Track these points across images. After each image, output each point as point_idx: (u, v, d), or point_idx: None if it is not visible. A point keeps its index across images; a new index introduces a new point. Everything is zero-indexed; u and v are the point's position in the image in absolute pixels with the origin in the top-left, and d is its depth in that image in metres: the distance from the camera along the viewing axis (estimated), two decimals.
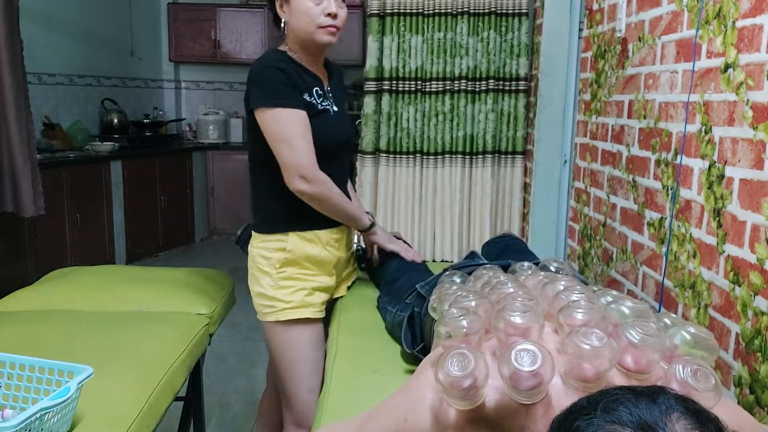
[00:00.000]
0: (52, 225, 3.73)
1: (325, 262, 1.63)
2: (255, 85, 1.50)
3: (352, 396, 1.24)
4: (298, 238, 1.58)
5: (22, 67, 2.84)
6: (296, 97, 1.50)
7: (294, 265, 1.58)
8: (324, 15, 1.50)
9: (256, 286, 1.60)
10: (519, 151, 2.76)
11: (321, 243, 1.61)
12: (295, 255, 1.58)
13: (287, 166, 1.49)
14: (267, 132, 1.49)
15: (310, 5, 1.49)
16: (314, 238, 1.60)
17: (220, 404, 2.68)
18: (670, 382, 0.72)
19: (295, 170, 1.48)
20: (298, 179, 1.49)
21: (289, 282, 1.58)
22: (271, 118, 1.48)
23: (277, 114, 1.47)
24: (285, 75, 1.49)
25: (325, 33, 1.52)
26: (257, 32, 5.70)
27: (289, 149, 1.47)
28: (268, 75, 1.49)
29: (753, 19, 1.26)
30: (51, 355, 1.19)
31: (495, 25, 2.67)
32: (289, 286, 1.58)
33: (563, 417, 0.61)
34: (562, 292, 0.91)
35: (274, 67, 1.49)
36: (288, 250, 1.57)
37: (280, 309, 1.57)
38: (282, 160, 1.49)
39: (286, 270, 1.57)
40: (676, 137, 1.57)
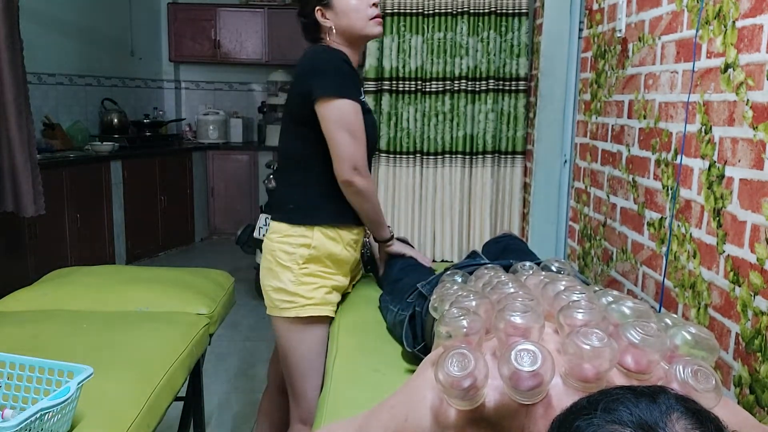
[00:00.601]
0: (52, 225, 3.73)
1: (344, 262, 1.65)
2: (321, 74, 1.50)
3: (352, 395, 1.24)
4: (322, 235, 1.58)
5: (22, 67, 2.84)
6: (359, 91, 1.54)
7: (317, 262, 1.59)
8: (370, 6, 1.54)
9: (274, 281, 1.59)
10: (519, 151, 2.76)
11: (342, 242, 1.62)
12: (319, 252, 1.58)
13: (344, 155, 1.49)
14: (330, 121, 1.49)
15: (355, 1, 1.53)
16: (337, 237, 1.61)
17: (220, 404, 2.68)
18: (670, 382, 0.72)
19: (351, 161, 1.49)
20: (352, 170, 1.50)
21: (311, 279, 1.59)
22: (339, 108, 1.48)
23: (345, 105, 1.48)
24: (351, 69, 1.52)
25: (375, 24, 1.56)
26: (257, 32, 5.70)
27: (350, 140, 1.48)
28: (337, 66, 1.50)
29: (753, 19, 1.26)
30: (51, 355, 1.19)
31: (495, 25, 2.67)
32: (311, 283, 1.59)
33: (563, 417, 0.61)
34: (562, 292, 0.91)
35: (342, 59, 1.52)
36: (313, 246, 1.58)
37: (300, 305, 1.58)
38: (340, 149, 1.49)
39: (308, 266, 1.58)
40: (676, 137, 1.57)
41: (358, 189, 1.53)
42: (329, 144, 1.51)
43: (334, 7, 1.54)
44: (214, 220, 5.70)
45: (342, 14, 1.54)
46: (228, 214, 5.62)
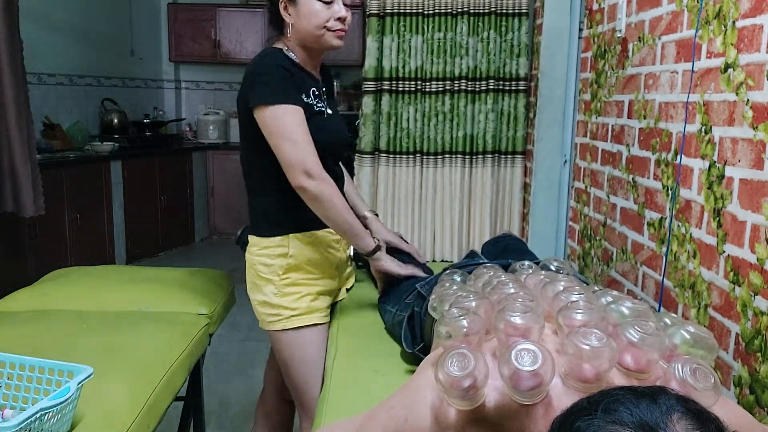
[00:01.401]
0: (52, 225, 3.73)
1: (327, 265, 1.61)
2: (255, 83, 1.47)
3: (352, 396, 1.24)
4: (299, 242, 1.55)
5: (22, 67, 2.84)
6: (296, 95, 1.48)
7: (297, 270, 1.55)
8: (334, 19, 1.48)
9: (258, 294, 1.56)
10: (519, 151, 2.76)
11: (322, 245, 1.58)
12: (297, 260, 1.54)
13: (291, 162, 1.44)
14: (268, 129, 1.46)
15: (319, 7, 1.47)
16: (314, 241, 1.57)
17: (220, 404, 2.68)
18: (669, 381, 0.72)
19: (299, 166, 1.44)
20: (302, 175, 1.44)
21: (294, 288, 1.55)
22: (274, 115, 1.44)
23: (280, 110, 1.44)
24: (287, 73, 1.47)
25: (335, 36, 1.51)
26: (257, 32, 5.70)
27: (292, 145, 1.44)
28: (270, 72, 1.47)
29: (753, 19, 1.26)
30: (51, 355, 1.19)
31: (495, 25, 2.67)
32: (294, 293, 1.55)
33: (564, 417, 0.61)
34: (561, 293, 0.91)
35: (276, 64, 1.48)
36: (290, 255, 1.54)
37: (286, 317, 1.54)
38: (284, 157, 1.45)
39: (289, 276, 1.54)
40: (676, 137, 1.57)
41: (313, 194, 1.45)
42: (274, 152, 1.47)
43: (298, 5, 1.49)
44: (214, 220, 5.70)
45: (303, 16, 1.49)
46: (228, 214, 5.62)
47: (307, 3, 1.48)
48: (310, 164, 1.44)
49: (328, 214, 1.49)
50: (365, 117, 2.75)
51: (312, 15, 1.48)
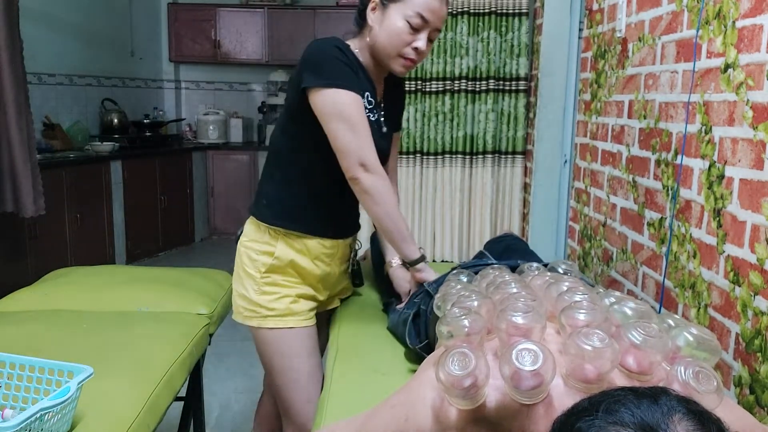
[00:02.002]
0: (52, 225, 3.73)
1: (310, 275, 1.54)
2: (314, 64, 1.37)
3: (352, 396, 1.23)
4: (287, 246, 1.49)
5: (22, 67, 2.84)
6: (358, 83, 1.38)
7: (279, 271, 1.51)
8: (412, 47, 1.39)
9: (239, 286, 1.53)
10: (519, 151, 2.76)
11: (310, 255, 1.52)
12: (281, 262, 1.50)
13: (348, 149, 1.35)
14: (326, 112, 1.35)
15: (403, 29, 1.37)
16: (303, 249, 1.50)
17: (220, 404, 2.68)
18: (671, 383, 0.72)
19: (356, 155, 1.34)
20: (357, 165, 1.35)
21: (274, 288, 1.50)
22: (335, 98, 1.34)
23: (340, 94, 1.34)
24: (348, 60, 1.38)
25: (402, 64, 1.41)
26: (257, 32, 5.70)
27: (352, 132, 1.34)
28: (331, 54, 1.36)
29: (753, 19, 1.26)
30: (51, 355, 1.19)
31: (495, 25, 2.67)
32: (273, 292, 1.50)
33: (565, 418, 0.61)
34: (564, 293, 0.91)
35: (338, 48, 1.38)
36: (275, 255, 1.49)
37: (262, 316, 1.51)
38: (342, 143, 1.35)
39: (270, 276, 1.50)
40: (676, 137, 1.57)
41: (365, 187, 1.37)
42: (329, 138, 1.37)
43: (386, 13, 1.38)
44: (214, 220, 5.70)
45: (384, 27, 1.39)
46: (228, 214, 5.62)
47: (394, 17, 1.37)
48: (368, 155, 1.36)
49: (377, 211, 1.40)
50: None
51: (393, 32, 1.38)
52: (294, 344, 1.53)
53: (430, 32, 1.40)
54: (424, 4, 1.36)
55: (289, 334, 1.52)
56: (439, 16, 1.40)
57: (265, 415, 1.83)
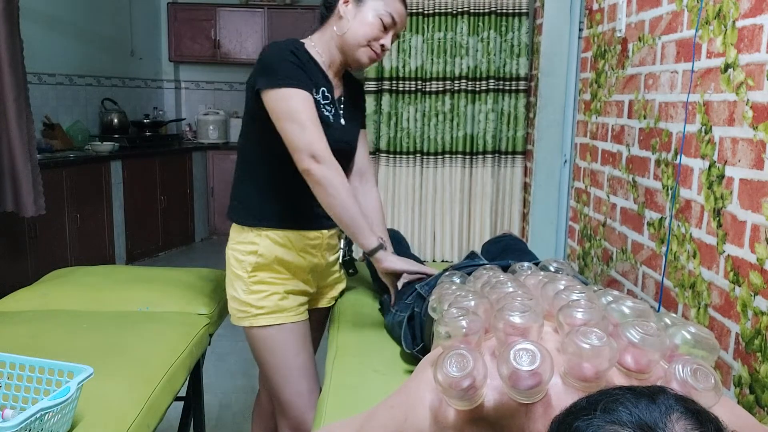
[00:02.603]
0: (52, 225, 3.73)
1: (299, 269, 1.57)
2: (265, 66, 1.44)
3: (352, 396, 1.23)
4: (270, 242, 1.52)
5: (22, 67, 2.84)
6: (307, 82, 1.44)
7: (266, 269, 1.53)
8: (379, 42, 1.49)
9: (230, 289, 1.56)
10: (519, 151, 2.76)
11: (295, 249, 1.54)
12: (266, 259, 1.52)
13: (298, 145, 1.40)
14: (276, 112, 1.41)
15: (375, 24, 1.47)
16: (287, 243, 1.53)
17: (220, 404, 2.68)
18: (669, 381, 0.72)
19: (306, 149, 1.39)
20: (308, 158, 1.39)
21: (262, 287, 1.53)
22: (282, 98, 1.41)
23: (289, 93, 1.41)
24: (298, 60, 1.45)
25: (367, 55, 1.50)
26: (257, 32, 5.70)
27: (299, 128, 1.39)
28: (281, 56, 1.44)
29: (753, 19, 1.26)
30: (51, 355, 1.19)
31: (495, 24, 2.67)
32: (262, 291, 1.53)
33: (563, 417, 0.61)
34: (562, 292, 0.91)
35: (288, 50, 1.45)
36: (260, 253, 1.52)
37: (253, 315, 1.53)
38: (291, 139, 1.40)
39: (257, 274, 1.53)
40: (676, 137, 1.57)
41: (317, 179, 1.39)
42: (282, 136, 1.42)
43: (361, 6, 1.47)
44: (214, 220, 5.70)
45: (358, 20, 1.47)
46: None
47: (368, 12, 1.47)
48: (317, 148, 1.40)
49: (330, 201, 1.42)
50: (366, 117, 2.75)
51: (366, 24, 1.47)
52: (285, 340, 1.55)
53: (393, 35, 1.52)
54: (396, 8, 1.49)
55: (279, 330, 1.54)
56: (403, 20, 1.54)
57: (263, 414, 1.84)
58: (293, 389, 1.56)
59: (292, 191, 1.52)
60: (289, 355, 1.55)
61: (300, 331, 1.58)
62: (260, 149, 1.50)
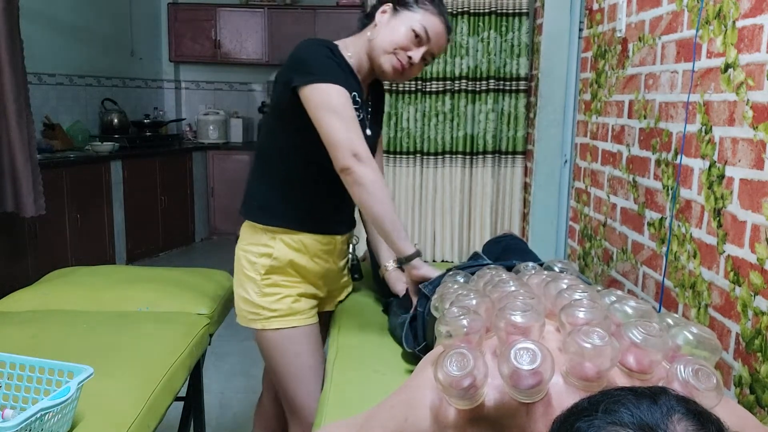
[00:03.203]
0: (52, 225, 3.73)
1: (312, 273, 1.56)
2: (302, 62, 1.40)
3: (352, 396, 1.23)
4: (284, 245, 1.50)
5: (22, 67, 2.85)
6: (347, 82, 1.40)
7: (279, 272, 1.52)
8: (407, 53, 1.44)
9: (240, 290, 1.55)
10: (519, 151, 2.76)
11: (308, 253, 1.53)
12: (280, 262, 1.51)
13: (339, 141, 1.34)
14: (316, 105, 1.36)
15: (406, 35, 1.43)
16: (301, 248, 1.51)
17: (220, 404, 2.68)
18: (671, 381, 0.72)
19: (348, 146, 1.34)
20: (350, 156, 1.34)
21: (275, 289, 1.52)
22: (325, 92, 1.36)
23: (331, 89, 1.36)
24: (338, 60, 1.42)
25: (391, 63, 1.45)
26: (257, 32, 5.70)
27: (342, 123, 1.34)
28: (319, 53, 1.40)
29: (753, 19, 1.26)
30: (51, 355, 1.19)
31: (495, 25, 2.67)
32: (275, 293, 1.52)
33: (564, 417, 0.61)
34: (564, 291, 0.91)
35: (325, 47, 1.42)
36: (274, 257, 1.50)
37: (265, 317, 1.52)
38: (333, 134, 1.35)
39: (271, 277, 1.51)
40: (676, 137, 1.57)
41: (357, 178, 1.34)
42: (320, 132, 1.37)
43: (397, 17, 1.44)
44: (214, 220, 5.70)
45: (389, 28, 1.44)
46: (228, 214, 5.61)
47: (402, 22, 1.44)
48: (360, 146, 1.35)
49: (369, 202, 1.37)
50: None
51: (395, 32, 1.44)
52: (299, 343, 1.54)
53: (427, 53, 1.46)
54: (432, 23, 1.44)
55: (293, 333, 1.53)
56: (439, 40, 1.47)
57: (265, 416, 1.83)
58: (307, 391, 1.55)
59: (312, 194, 1.51)
60: (303, 357, 1.54)
61: (312, 334, 1.57)
62: (285, 148, 1.48)
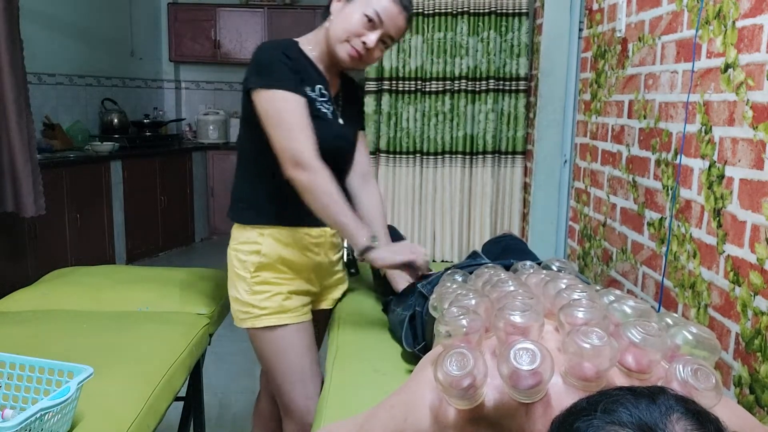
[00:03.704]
0: (52, 225, 3.73)
1: (303, 268, 1.55)
2: (256, 66, 1.43)
3: (352, 396, 1.23)
4: (273, 240, 1.50)
5: (22, 67, 2.84)
6: (298, 84, 1.42)
7: (269, 269, 1.51)
8: (361, 39, 1.43)
9: (233, 290, 1.55)
10: (519, 151, 2.76)
11: (297, 247, 1.52)
12: (269, 258, 1.50)
13: (282, 150, 1.38)
14: (263, 115, 1.40)
15: (359, 21, 1.43)
16: (290, 242, 1.51)
17: (220, 404, 2.68)
18: (670, 381, 0.72)
19: (290, 155, 1.37)
20: (292, 166, 1.38)
21: (265, 287, 1.51)
22: (270, 99, 1.39)
23: (277, 96, 1.39)
24: (290, 60, 1.43)
25: (347, 51, 1.45)
26: (257, 32, 5.71)
27: (285, 133, 1.38)
28: (272, 57, 1.42)
29: (753, 19, 1.26)
30: (51, 355, 1.19)
31: (495, 25, 2.67)
32: (265, 291, 1.51)
33: (563, 417, 0.61)
34: (563, 291, 0.91)
35: (279, 50, 1.43)
36: (263, 253, 1.50)
37: (256, 315, 1.51)
38: (277, 144, 1.39)
39: (260, 274, 1.51)
40: (676, 137, 1.57)
41: (304, 185, 1.38)
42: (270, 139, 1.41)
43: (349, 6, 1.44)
44: (214, 220, 5.70)
45: (342, 16, 1.44)
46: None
47: (355, 9, 1.43)
48: (301, 153, 1.37)
49: (317, 207, 1.41)
50: (366, 117, 2.75)
51: (348, 20, 1.43)
52: (290, 341, 1.53)
53: (384, 36, 1.46)
54: (385, 8, 1.43)
55: (284, 331, 1.53)
56: (395, 24, 1.46)
57: (263, 416, 1.83)
58: (299, 391, 1.55)
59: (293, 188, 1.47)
60: (295, 356, 1.54)
61: (305, 332, 1.56)
62: (259, 147, 1.48)
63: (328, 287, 1.69)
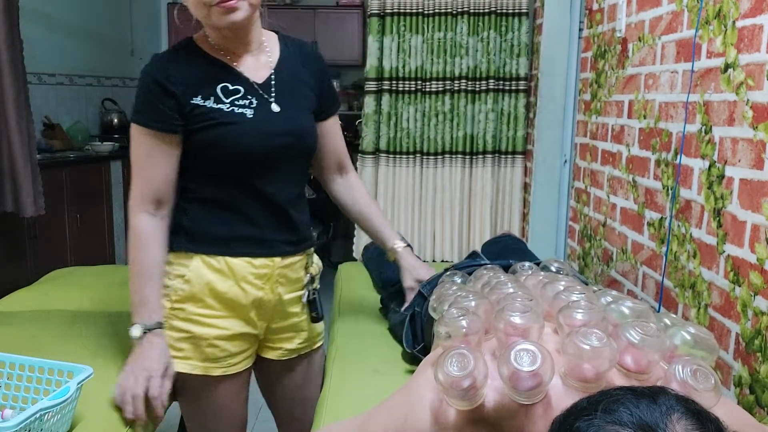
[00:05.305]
0: (52, 225, 3.72)
1: (237, 304, 1.25)
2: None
3: (352, 396, 1.23)
4: (204, 264, 1.24)
5: (22, 67, 2.84)
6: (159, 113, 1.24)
7: (194, 302, 1.24)
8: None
9: None
10: (519, 151, 2.76)
11: (233, 277, 1.24)
12: (195, 288, 1.23)
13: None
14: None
15: None
16: (223, 268, 1.24)
17: None
18: (669, 382, 0.72)
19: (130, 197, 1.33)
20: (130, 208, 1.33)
21: (183, 324, 1.24)
22: (131, 135, 1.32)
23: (132, 130, 1.31)
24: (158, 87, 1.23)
25: (220, 13, 1.15)
26: None
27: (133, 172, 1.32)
28: (140, 85, 1.27)
29: (753, 19, 1.26)
30: (51, 355, 1.19)
31: (495, 24, 2.67)
32: (182, 330, 1.25)
33: (563, 418, 0.61)
34: (562, 292, 0.92)
35: (149, 77, 1.25)
36: (187, 278, 1.24)
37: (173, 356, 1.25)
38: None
39: (184, 307, 1.24)
40: (676, 137, 1.57)
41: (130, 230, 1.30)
42: None
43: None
44: None
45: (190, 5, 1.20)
46: None
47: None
48: (133, 198, 1.32)
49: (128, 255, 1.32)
50: (366, 117, 2.75)
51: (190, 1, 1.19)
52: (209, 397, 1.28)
53: None
54: None
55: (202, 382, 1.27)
56: None
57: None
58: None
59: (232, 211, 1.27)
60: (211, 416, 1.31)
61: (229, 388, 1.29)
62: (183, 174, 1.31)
63: (278, 332, 1.34)
